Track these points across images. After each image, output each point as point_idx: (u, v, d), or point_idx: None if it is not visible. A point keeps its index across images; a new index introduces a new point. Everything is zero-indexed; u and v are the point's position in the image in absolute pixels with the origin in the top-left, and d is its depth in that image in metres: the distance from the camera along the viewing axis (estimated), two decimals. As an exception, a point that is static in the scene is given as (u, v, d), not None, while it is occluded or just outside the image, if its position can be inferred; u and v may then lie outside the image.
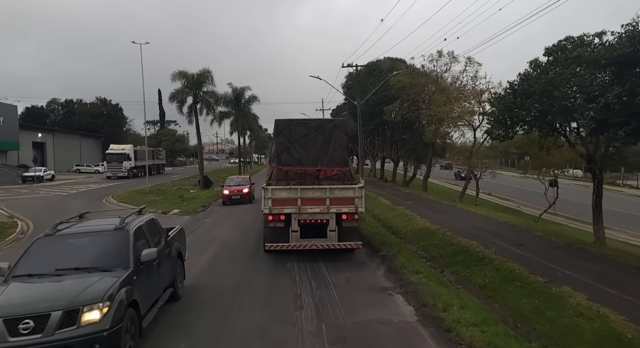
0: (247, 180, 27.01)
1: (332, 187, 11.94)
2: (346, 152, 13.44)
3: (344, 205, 11.83)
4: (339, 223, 11.93)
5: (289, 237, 11.88)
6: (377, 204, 26.22)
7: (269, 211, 11.92)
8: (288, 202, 11.89)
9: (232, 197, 24.72)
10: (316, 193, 11.85)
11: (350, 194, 11.93)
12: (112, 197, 27.11)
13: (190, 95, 32.41)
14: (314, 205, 11.83)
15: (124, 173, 48.72)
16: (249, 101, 57.27)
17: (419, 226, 18.17)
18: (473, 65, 30.10)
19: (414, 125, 37.51)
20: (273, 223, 12.04)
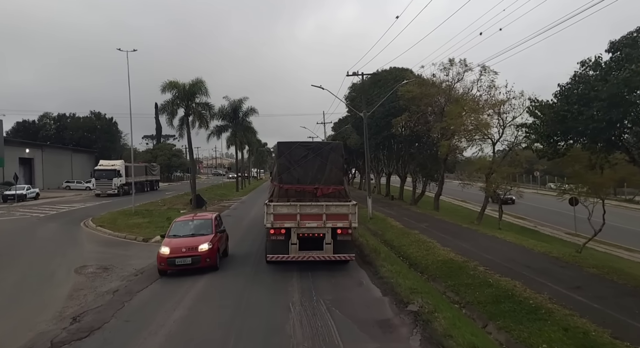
0: (211, 224, 14.13)
1: (329, 203, 13.08)
2: (341, 172, 14.82)
3: (339, 221, 12.91)
4: (334, 237, 12.95)
5: (289, 249, 12.93)
6: (388, 227, 23.48)
7: (270, 225, 13.01)
8: (288, 217, 12.96)
9: (178, 261, 12.36)
10: (314, 210, 12.94)
11: (344, 210, 13.02)
12: (92, 220, 24.34)
13: (182, 106, 29.85)
14: (312, 220, 12.89)
15: (113, 190, 45.94)
16: (247, 114, 54.90)
17: (441, 257, 15.44)
18: (488, 74, 27.65)
19: (424, 139, 34.97)
20: (274, 236, 13.11)
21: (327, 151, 14.57)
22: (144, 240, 18.45)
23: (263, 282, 11.59)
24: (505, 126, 24.33)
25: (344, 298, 9.73)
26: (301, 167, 14.14)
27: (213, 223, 14.05)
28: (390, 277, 11.16)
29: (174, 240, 13.00)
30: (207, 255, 12.45)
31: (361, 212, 31.76)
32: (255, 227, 22.00)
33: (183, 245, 12.59)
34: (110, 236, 19.98)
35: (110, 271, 12.87)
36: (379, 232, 22.77)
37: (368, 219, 27.11)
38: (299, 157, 14.30)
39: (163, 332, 7.90)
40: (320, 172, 14.05)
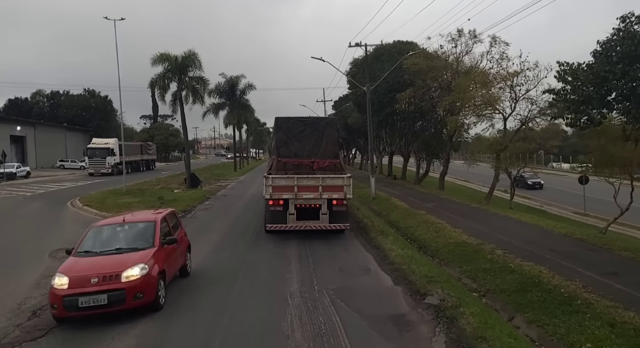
0: (152, 230, 8.57)
1: (324, 176, 13.62)
2: (337, 146, 15.46)
3: (335, 192, 13.48)
4: (329, 207, 13.49)
5: (287, 219, 13.43)
6: (392, 207, 22.16)
7: (269, 196, 13.46)
8: (286, 188, 13.44)
9: (83, 301, 6.91)
10: (310, 182, 13.47)
11: (339, 182, 13.61)
12: (79, 199, 23.01)
13: (174, 80, 28.22)
14: (309, 192, 13.42)
15: (107, 169, 44.53)
16: (245, 91, 53.18)
17: (453, 239, 14.15)
18: (499, 45, 25.94)
19: (428, 116, 33.42)
20: (273, 207, 13.53)
21: (323, 126, 15.34)
22: (132, 221, 17.12)
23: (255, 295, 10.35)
24: (517, 100, 22.82)
25: (350, 287, 8.45)
26: (298, 142, 14.72)
27: (156, 229, 8.44)
28: (401, 263, 9.87)
29: (81, 262, 7.66)
30: (138, 287, 7.13)
31: (363, 191, 30.64)
32: (251, 210, 20.72)
33: (94, 271, 7.21)
34: (96, 216, 18.62)
35: (88, 255, 11.56)
36: (383, 213, 21.47)
37: (371, 199, 25.81)
38: (296, 132, 14.86)
39: (134, 332, 6.62)
40: (316, 146, 14.66)
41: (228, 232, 14.97)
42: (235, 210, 20.40)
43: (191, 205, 21.77)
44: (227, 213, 19.40)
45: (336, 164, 14.67)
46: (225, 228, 15.71)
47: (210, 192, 28.33)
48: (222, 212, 19.61)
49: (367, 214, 17.98)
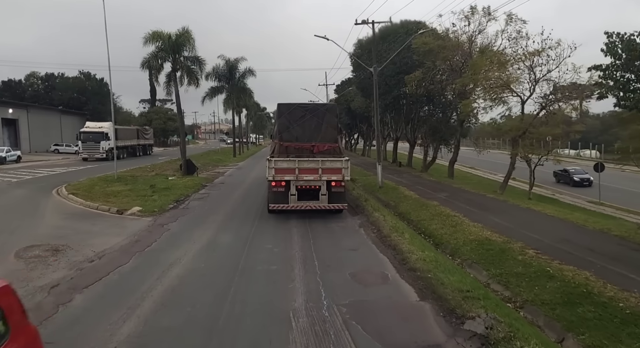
0: None
1: (324, 159, 14.30)
2: (336, 131, 16.04)
3: (333, 174, 14.20)
4: (329, 188, 14.29)
5: (288, 200, 14.22)
6: (401, 197, 20.61)
7: (272, 178, 14.16)
8: (288, 171, 14.14)
9: None
10: (311, 164, 14.17)
11: (338, 165, 14.30)
12: (66, 187, 21.46)
13: (168, 60, 26.42)
14: (309, 174, 14.15)
15: (101, 154, 42.93)
16: (244, 75, 51.31)
17: (474, 235, 12.64)
18: (515, 23, 24.09)
19: (436, 100, 31.67)
20: (275, 188, 14.32)
21: (323, 112, 16.09)
22: (118, 212, 15.59)
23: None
24: (537, 81, 21.07)
25: (366, 303, 6.92)
26: (299, 127, 15.42)
27: None
28: (425, 270, 8.33)
29: None
30: None
31: (369, 180, 29.04)
32: (249, 200, 19.18)
33: None
34: (81, 206, 17.14)
35: (61, 254, 10.05)
36: (392, 203, 19.94)
37: (378, 188, 24.25)
38: (297, 117, 15.58)
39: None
40: (316, 131, 15.37)
41: (223, 226, 13.45)
42: (232, 200, 18.85)
43: (185, 194, 20.21)
44: (224, 203, 17.86)
45: (335, 148, 15.39)
46: (220, 221, 14.18)
47: (207, 179, 26.78)
48: (218, 202, 18.07)
49: (377, 206, 16.38)
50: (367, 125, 58.15)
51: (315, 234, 12.08)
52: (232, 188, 22.69)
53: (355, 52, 40.18)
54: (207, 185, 24.21)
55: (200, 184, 23.84)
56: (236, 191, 21.74)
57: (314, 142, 15.15)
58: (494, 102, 21.61)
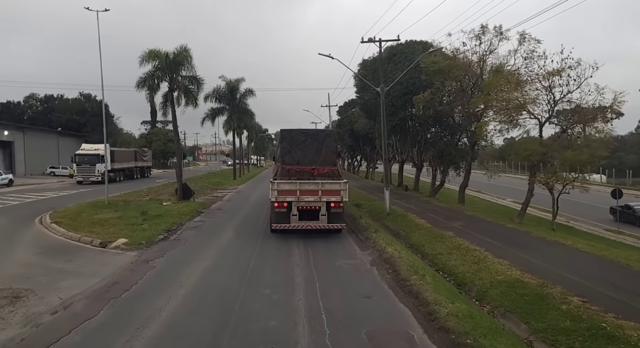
0: None
1: (324, 181, 15.17)
2: (335, 155, 16.90)
3: (332, 196, 15.06)
4: (328, 209, 15.08)
5: (290, 220, 15.00)
6: (412, 226, 19.03)
7: (275, 199, 15.08)
8: (290, 192, 15.00)
9: None
10: (311, 186, 15.04)
11: (337, 187, 15.15)
12: (51, 214, 19.93)
13: (165, 80, 25.24)
14: (310, 195, 14.99)
15: (97, 177, 41.48)
16: (245, 95, 50.34)
17: (502, 275, 11.04)
18: (528, 42, 22.91)
19: (445, 121, 30.34)
20: (278, 208, 15.14)
21: (323, 137, 16.96)
22: (101, 245, 14.02)
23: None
24: (556, 102, 19.71)
25: None
26: (301, 151, 16.23)
27: None
28: (462, 332, 6.67)
29: None
30: None
31: (375, 205, 27.47)
32: (247, 230, 17.61)
33: None
34: (62, 237, 15.59)
35: (20, 303, 8.46)
36: (402, 233, 18.36)
37: (385, 215, 22.68)
38: (299, 142, 16.40)
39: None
40: (317, 154, 16.18)
41: (216, 263, 11.87)
42: (228, 230, 17.27)
43: (178, 222, 18.66)
44: (219, 234, 16.28)
45: (334, 171, 16.20)
46: (213, 256, 12.59)
47: (203, 204, 25.25)
48: (213, 233, 16.49)
49: (389, 240, 14.72)
50: (371, 147, 56.84)
51: (322, 275, 10.48)
52: (230, 216, 21.13)
53: (359, 72, 39.17)
54: (203, 211, 22.67)
55: (195, 210, 22.30)
56: (233, 219, 20.17)
57: (315, 165, 15.99)
58: (510, 124, 20.19)
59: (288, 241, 14.72)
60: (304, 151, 16.31)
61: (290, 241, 14.71)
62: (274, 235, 15.77)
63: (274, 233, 15.66)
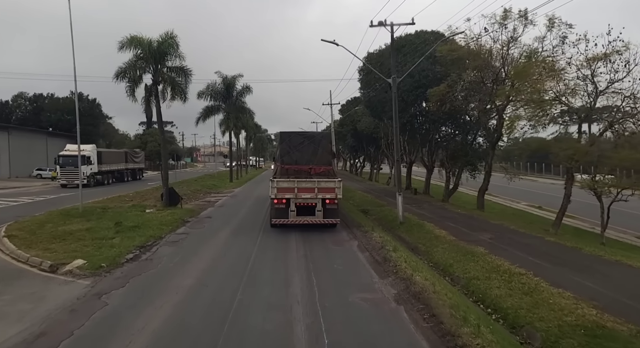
0: None
1: (320, 180, 16.37)
2: (330, 155, 18.71)
3: (327, 193, 16.13)
4: (323, 205, 16.19)
5: (288, 215, 16.13)
6: (432, 239, 16.19)
7: (274, 196, 16.09)
8: (288, 190, 16.06)
9: None
10: (308, 184, 16.14)
11: (332, 185, 16.24)
12: (8, 226, 17.04)
13: (148, 71, 22.39)
14: (307, 193, 16.08)
15: (82, 180, 38.62)
16: (242, 92, 47.51)
17: (571, 315, 8.31)
18: (558, 27, 20.06)
19: (459, 117, 27.51)
20: (277, 205, 16.17)
21: (319, 139, 18.50)
22: (51, 268, 11.12)
23: None
24: (599, 93, 16.86)
25: None
26: (298, 151, 17.39)
27: None
28: None
29: None
30: None
31: (385, 212, 24.51)
32: (237, 244, 14.72)
33: None
34: (8, 256, 12.73)
35: None
36: (421, 248, 15.52)
37: (398, 224, 19.85)
38: (297, 143, 17.62)
39: None
40: (313, 155, 17.29)
41: (192, 296, 8.99)
42: (215, 245, 14.41)
43: (157, 235, 15.77)
44: (203, 251, 13.42)
45: (329, 170, 17.26)
46: (189, 286, 9.71)
47: (191, 211, 22.37)
48: (196, 250, 13.62)
49: (417, 265, 11.69)
50: (375, 147, 53.97)
51: (331, 318, 7.59)
52: (220, 226, 18.25)
53: (364, 67, 36.32)
54: (189, 220, 19.79)
55: (180, 219, 19.43)
56: (223, 230, 17.28)
57: (311, 165, 17.08)
58: (545, 119, 17.30)
59: (288, 259, 11.90)
60: (301, 152, 17.55)
61: (291, 259, 11.90)
62: (272, 251, 13.17)
63: (272, 248, 13.52)
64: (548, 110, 17.62)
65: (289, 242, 14.93)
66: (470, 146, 26.22)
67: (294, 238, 15.37)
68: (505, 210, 33.43)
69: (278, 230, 17.16)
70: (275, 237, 16.24)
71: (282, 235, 16.37)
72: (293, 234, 16.09)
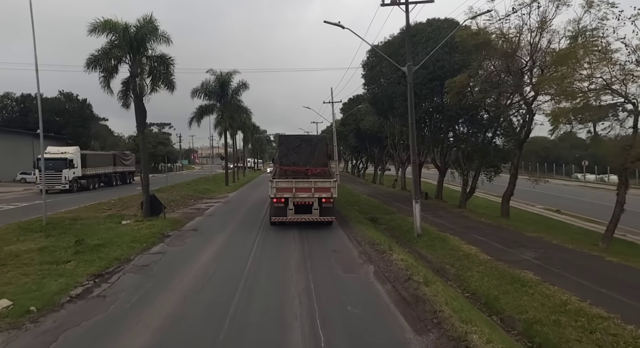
0: None
1: (316, 180, 17.12)
2: (326, 157, 19.07)
3: (323, 192, 16.91)
4: (320, 204, 16.96)
5: (287, 213, 16.88)
6: (461, 258, 13.25)
7: (274, 195, 16.90)
8: (287, 190, 16.88)
9: None
10: (305, 184, 16.93)
11: (327, 185, 17.05)
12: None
13: (124, 61, 19.44)
14: (304, 192, 16.87)
15: (64, 185, 35.73)
16: (238, 90, 44.62)
17: None
18: (597, 7, 17.12)
19: (476, 113, 24.56)
20: (277, 204, 16.98)
21: (315, 142, 19.79)
22: (-38, 314, 8.13)
23: None
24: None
25: None
26: (296, 153, 18.70)
27: None
28: None
29: None
30: None
31: (396, 220, 21.37)
32: (227, 264, 11.68)
33: None
34: None
35: None
36: (449, 270, 12.59)
37: (415, 237, 16.93)
38: (295, 145, 19.03)
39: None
40: (310, 157, 18.54)
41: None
42: (197, 269, 11.40)
43: (124, 256, 12.78)
44: (180, 279, 10.41)
45: (325, 171, 18.07)
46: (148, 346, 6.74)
47: (175, 222, 19.39)
48: (169, 277, 10.61)
49: (459, 305, 8.55)
50: (379, 147, 50.98)
51: None
52: (204, 242, 15.24)
53: (368, 60, 33.38)
54: (170, 234, 16.81)
55: (159, 233, 16.45)
56: (208, 248, 14.27)
57: (308, 166, 17.87)
58: (592, 112, 14.33)
59: (285, 302, 8.90)
60: (299, 154, 18.49)
61: (289, 299, 8.91)
62: (264, 278, 10.17)
63: (266, 273, 10.89)
64: (598, 101, 14.62)
65: (288, 263, 12.01)
66: (491, 145, 23.26)
67: (294, 261, 12.42)
68: (520, 214, 30.28)
69: (276, 245, 14.37)
70: (270, 253, 13.37)
71: (281, 251, 13.49)
72: (294, 255, 13.16)
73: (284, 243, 14.93)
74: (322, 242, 15.20)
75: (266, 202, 22.30)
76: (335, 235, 16.53)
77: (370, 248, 13.84)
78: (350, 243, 15.04)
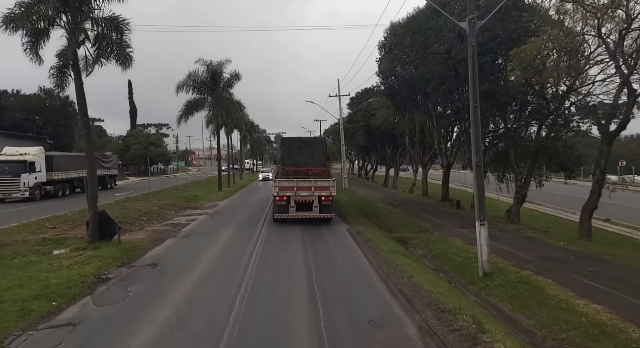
0: None
1: (316, 179, 18.11)
2: (325, 158, 20.00)
3: (323, 191, 17.91)
4: (319, 202, 17.97)
5: (289, 211, 17.96)
6: (581, 328, 7.58)
7: (276, 194, 18.02)
8: (288, 188, 17.93)
9: None
10: (306, 184, 17.93)
11: (327, 184, 18.01)
12: None
13: (58, 24, 13.75)
14: (305, 191, 17.89)
15: (22, 193, 29.93)
16: (231, 82, 39.03)
17: None
18: None
19: (544, 98, 18.90)
20: (279, 202, 18.07)
21: (315, 143, 20.59)
22: None
23: None
24: None
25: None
26: (297, 155, 19.60)
27: None
28: None
29: None
30: None
31: (436, 242, 13.07)
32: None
33: None
34: None
35: None
36: None
37: (479, 277, 11.36)
38: (295, 147, 19.94)
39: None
40: (310, 158, 19.43)
41: None
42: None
43: (23, 325, 7.07)
44: None
45: (324, 171, 19.01)
46: None
47: (131, 250, 13.68)
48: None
49: None
50: (393, 146, 45.24)
51: None
52: (161, 291, 9.43)
53: (386, 40, 27.77)
54: (111, 275, 11.02)
55: (93, 274, 10.70)
56: (163, 305, 8.46)
57: (308, 166, 19.05)
58: None
59: None
60: (300, 155, 19.58)
61: None
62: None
63: None
64: None
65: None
66: (561, 140, 17.55)
67: None
68: (600, 234, 23.34)
69: (274, 301, 8.33)
70: (264, 327, 7.43)
71: (283, 324, 7.67)
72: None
73: (288, 302, 9.18)
74: (351, 316, 8.41)
75: (264, 213, 22.62)
76: (371, 291, 9.48)
77: (439, 323, 7.76)
78: (396, 305, 8.50)
